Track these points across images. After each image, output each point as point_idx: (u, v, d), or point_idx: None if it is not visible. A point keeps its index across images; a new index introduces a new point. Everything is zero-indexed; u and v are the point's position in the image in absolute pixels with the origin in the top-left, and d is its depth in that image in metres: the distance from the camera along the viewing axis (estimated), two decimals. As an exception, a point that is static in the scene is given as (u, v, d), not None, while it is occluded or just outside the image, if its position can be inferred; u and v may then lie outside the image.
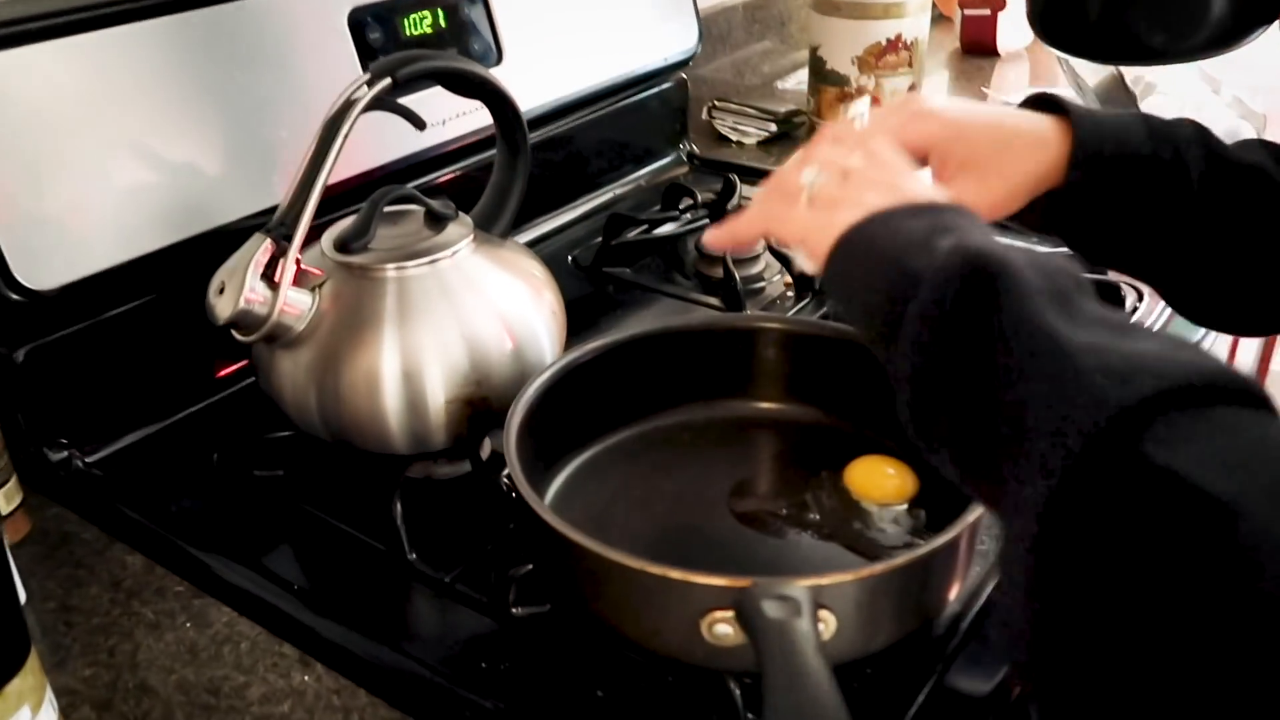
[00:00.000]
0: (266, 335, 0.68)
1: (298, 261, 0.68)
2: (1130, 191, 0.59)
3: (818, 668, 0.43)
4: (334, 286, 0.70)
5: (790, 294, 0.98)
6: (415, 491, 0.70)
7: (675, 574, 0.51)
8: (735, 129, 1.32)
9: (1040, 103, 0.62)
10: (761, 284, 1.00)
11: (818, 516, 0.64)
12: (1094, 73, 1.20)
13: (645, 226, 1.07)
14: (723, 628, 0.51)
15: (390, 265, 0.69)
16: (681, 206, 1.12)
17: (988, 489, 0.40)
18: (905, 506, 0.64)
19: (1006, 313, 0.40)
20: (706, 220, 1.07)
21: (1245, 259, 0.60)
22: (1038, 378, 0.38)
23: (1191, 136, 0.59)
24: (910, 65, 1.28)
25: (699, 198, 1.11)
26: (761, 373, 0.72)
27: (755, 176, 1.19)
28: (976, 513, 0.55)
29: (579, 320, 0.84)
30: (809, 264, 0.52)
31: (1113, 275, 0.88)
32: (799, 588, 0.48)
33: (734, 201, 1.09)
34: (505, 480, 0.70)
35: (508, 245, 0.77)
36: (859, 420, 0.70)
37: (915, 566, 0.52)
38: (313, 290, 0.69)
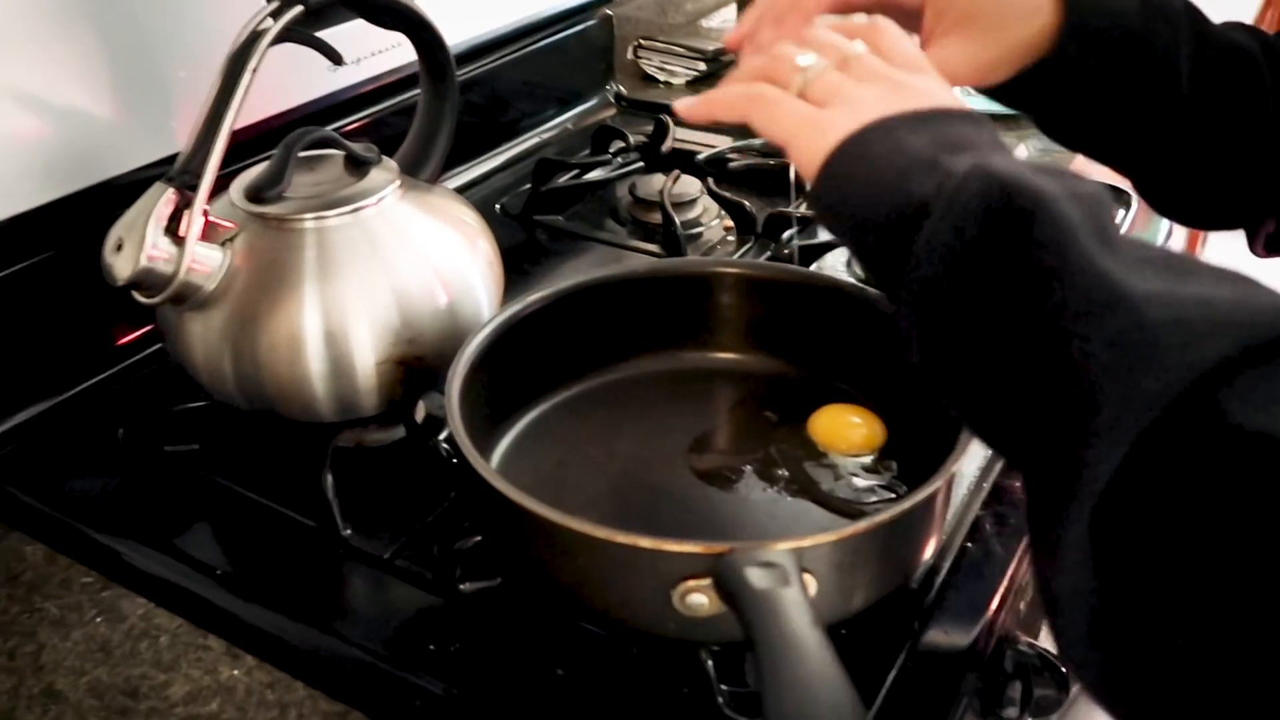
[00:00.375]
0: (173, 296, 0.61)
1: (205, 213, 0.61)
2: (1117, 69, 0.55)
3: (814, 637, 0.40)
4: (247, 240, 0.63)
5: (731, 238, 0.94)
6: (346, 461, 0.65)
7: (645, 542, 0.46)
8: (663, 69, 1.27)
9: None
10: (700, 229, 0.95)
11: (785, 472, 0.60)
12: None
13: (576, 171, 1.02)
14: (697, 598, 0.47)
15: (309, 215, 0.63)
16: (612, 150, 1.07)
17: (1025, 455, 0.36)
18: (874, 456, 0.61)
19: (1050, 252, 0.35)
20: (640, 164, 1.02)
21: (1222, 149, 0.57)
22: (1097, 334, 0.33)
23: (1182, 11, 0.56)
24: (840, 0, 1.23)
25: (630, 140, 1.05)
26: (716, 321, 0.68)
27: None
28: (953, 465, 0.51)
29: (512, 271, 0.78)
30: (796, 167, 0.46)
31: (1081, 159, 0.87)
32: (782, 552, 0.44)
33: (667, 144, 1.04)
34: (444, 446, 0.65)
35: (436, 191, 0.71)
36: (820, 368, 0.66)
37: (896, 523, 0.48)
38: (223, 245, 0.63)
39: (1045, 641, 0.69)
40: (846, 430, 0.61)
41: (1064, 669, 0.60)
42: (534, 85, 1.10)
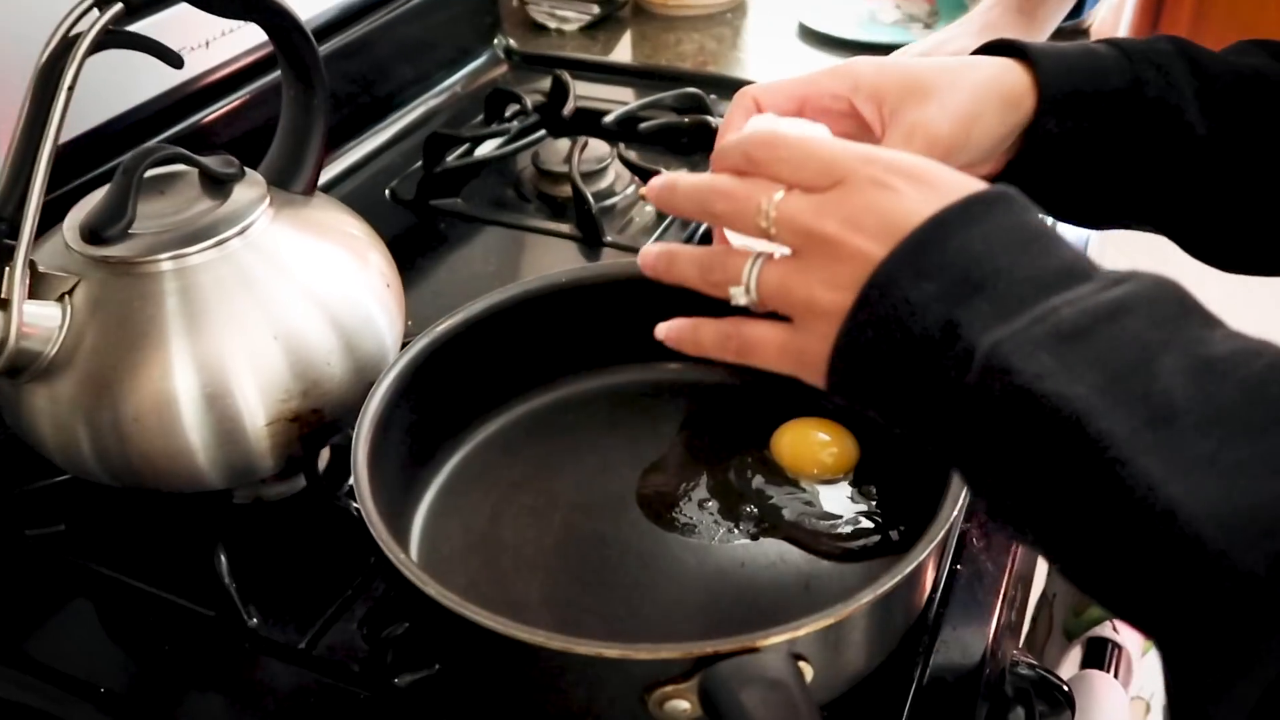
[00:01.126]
0: (4, 369, 0.51)
1: (32, 264, 0.51)
2: (1111, 131, 0.49)
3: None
4: (90, 291, 0.53)
5: (650, 208, 0.86)
6: (241, 530, 0.56)
7: (612, 651, 0.39)
8: (553, 14, 1.16)
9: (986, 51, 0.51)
10: (614, 198, 0.87)
11: (751, 508, 0.53)
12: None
13: (469, 145, 0.92)
14: (677, 704, 0.40)
15: (165, 255, 0.53)
16: (508, 115, 0.97)
17: (1159, 626, 0.31)
18: (848, 479, 0.54)
19: (1096, 474, 0.30)
20: (542, 132, 0.92)
21: (1259, 185, 0.50)
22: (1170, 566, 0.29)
23: (1172, 52, 0.49)
24: (738, -73, 1.14)
25: (527, 103, 0.95)
26: (640, 332, 0.59)
27: (585, 70, 1.04)
28: (950, 513, 0.44)
29: (411, 268, 0.69)
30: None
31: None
32: (778, 657, 0.37)
33: (569, 105, 0.94)
34: (355, 506, 0.56)
35: (315, 203, 0.61)
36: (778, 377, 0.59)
37: (898, 590, 0.42)
38: (60, 300, 0.52)
39: (1069, 661, 0.65)
40: (815, 451, 0.54)
41: (1066, 689, 0.55)
42: (413, 48, 0.98)
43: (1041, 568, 0.68)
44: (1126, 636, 0.69)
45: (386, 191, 0.88)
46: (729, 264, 0.41)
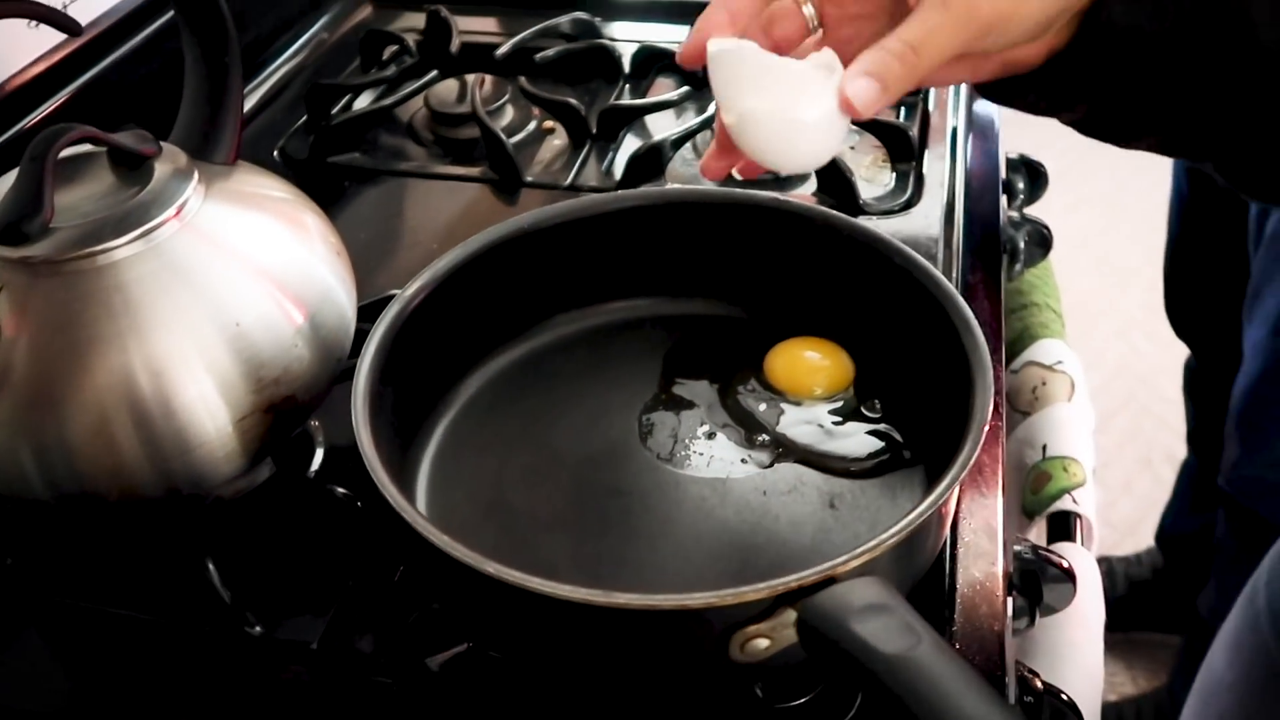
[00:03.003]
0: (-69, 397, 0.45)
1: (-57, 276, 0.45)
2: (1177, 19, 0.45)
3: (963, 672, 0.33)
4: (13, 297, 0.47)
5: (559, 142, 0.82)
6: (218, 533, 0.52)
7: (695, 601, 0.37)
8: (407, -54, 1.09)
9: None
10: (517, 135, 0.83)
11: (763, 437, 0.52)
12: None
13: (349, 97, 0.86)
14: (758, 642, 0.39)
15: (93, 249, 0.47)
16: (386, 58, 0.91)
17: None
18: (849, 395, 0.54)
19: None
20: (434, 73, 0.87)
21: None
22: None
23: None
24: None
25: (409, 43, 0.90)
26: (618, 266, 0.58)
27: (461, 4, 0.98)
28: (981, 430, 0.43)
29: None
30: None
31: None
32: (869, 581, 0.37)
33: (454, 42, 0.89)
34: (340, 490, 0.53)
35: (240, 173, 0.56)
36: (758, 303, 0.58)
37: (945, 497, 0.41)
38: (-18, 311, 0.46)
39: (1034, 537, 0.67)
40: (812, 370, 0.54)
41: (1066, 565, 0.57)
42: (269, -4, 0.91)
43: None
44: (1085, 506, 0.72)
45: (275, 154, 0.82)
46: None
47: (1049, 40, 0.46)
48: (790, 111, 0.44)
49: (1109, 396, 1.84)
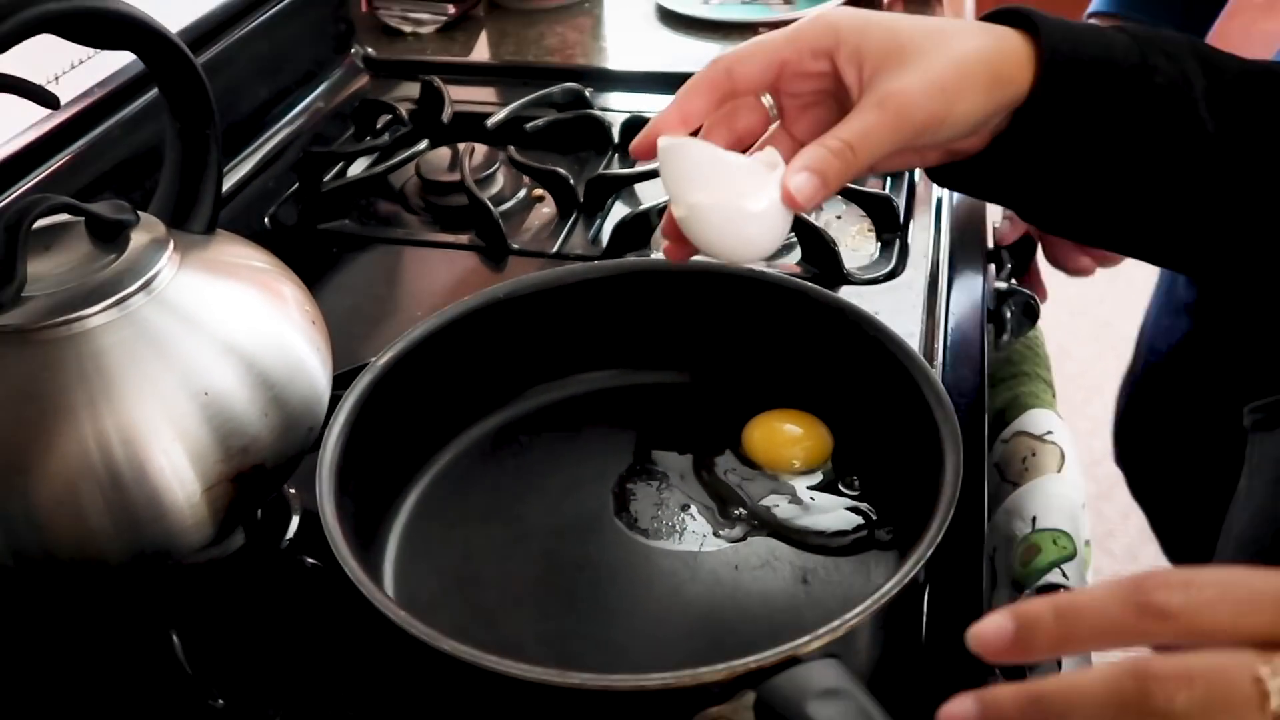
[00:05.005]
0: (-105, 467, 0.44)
1: (-87, 345, 0.45)
2: (1115, 109, 0.45)
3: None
4: (-17, 366, 0.47)
5: (548, 210, 0.83)
6: (183, 603, 0.51)
7: (654, 682, 0.37)
8: (406, 18, 1.11)
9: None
10: (507, 203, 0.84)
11: (737, 510, 0.51)
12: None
13: (343, 163, 0.87)
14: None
15: (64, 319, 0.47)
16: (379, 126, 0.93)
17: None
18: (827, 469, 0.53)
19: None
20: (424, 142, 0.88)
21: (1271, 199, 0.46)
22: None
23: (1183, 43, 0.46)
24: (586, -86, 1.12)
25: (402, 112, 0.91)
26: (596, 336, 0.58)
27: (450, 73, 1.00)
28: (946, 514, 0.43)
29: (317, 297, 0.64)
30: None
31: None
32: (828, 663, 0.36)
33: (446, 112, 0.90)
34: (311, 562, 0.52)
35: (217, 242, 0.56)
36: (738, 375, 0.57)
37: (907, 586, 0.41)
38: (-49, 380, 0.46)
39: None
40: (790, 444, 0.53)
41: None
42: (267, 67, 0.92)
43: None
44: (1074, 578, 0.70)
45: (266, 220, 0.82)
46: None
47: (990, 132, 0.47)
48: (736, 204, 0.45)
49: (1112, 465, 1.82)
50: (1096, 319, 2.10)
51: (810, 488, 0.52)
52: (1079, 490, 0.77)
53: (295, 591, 0.53)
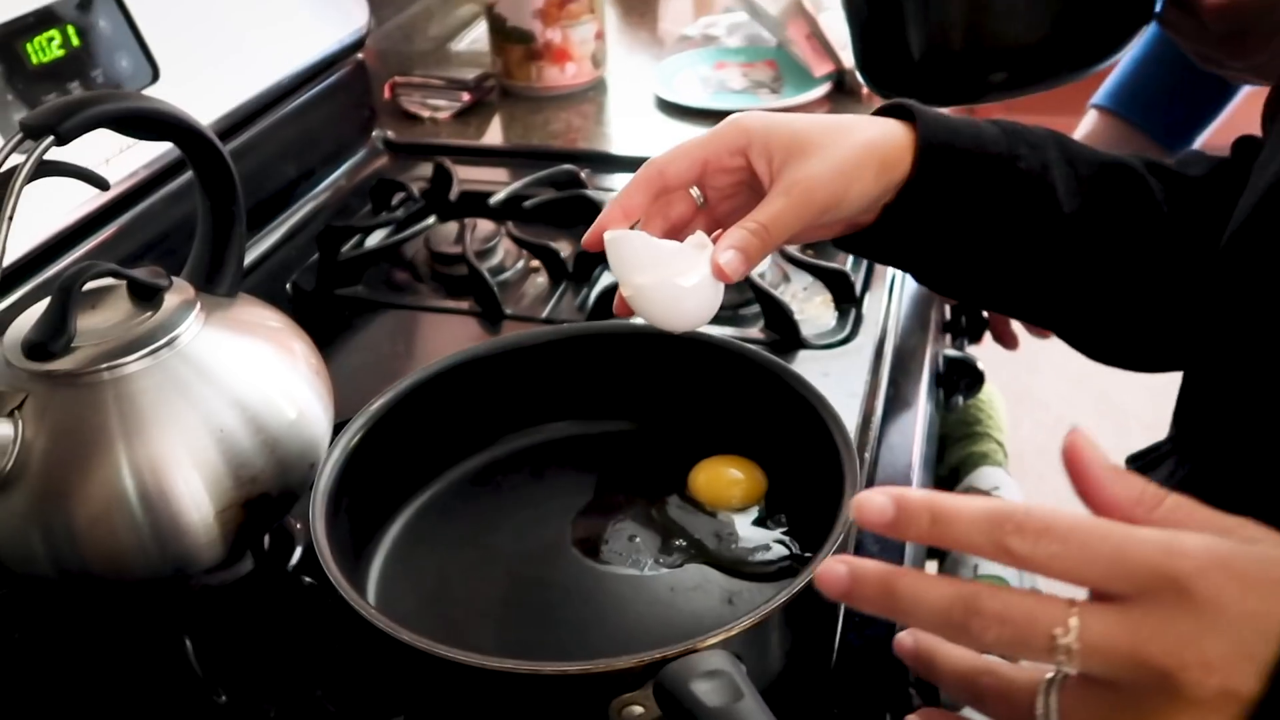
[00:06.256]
0: (-39, 487, 0.53)
1: (-20, 385, 0.54)
2: (985, 188, 0.53)
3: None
4: (37, 405, 0.56)
5: (542, 280, 0.92)
6: (200, 614, 0.59)
7: (575, 668, 0.44)
8: (425, 104, 1.22)
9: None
10: (505, 273, 0.93)
11: (678, 541, 0.59)
12: (774, 1, 1.20)
13: (360, 236, 0.97)
14: (634, 709, 0.45)
15: (104, 366, 0.56)
16: (394, 203, 1.02)
17: None
18: (760, 508, 0.61)
19: None
20: (432, 218, 0.97)
21: (1122, 271, 0.54)
22: None
23: (1047, 135, 0.55)
24: (592, 11, 1.23)
25: (414, 190, 1.01)
26: (562, 390, 0.66)
27: (462, 155, 1.10)
28: (842, 527, 0.50)
29: (328, 355, 0.71)
30: None
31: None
32: (722, 656, 0.43)
33: (453, 191, 1.00)
34: (307, 578, 0.60)
35: (239, 304, 0.65)
36: (686, 423, 0.65)
37: (802, 594, 0.48)
38: (10, 415, 0.55)
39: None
40: (729, 485, 0.61)
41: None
42: (299, 147, 1.03)
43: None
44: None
45: (288, 286, 0.92)
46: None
47: (881, 207, 0.55)
48: (673, 281, 0.53)
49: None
50: (1095, 391, 2.16)
51: (743, 523, 0.60)
52: (1022, 541, 0.84)
53: (293, 606, 0.60)
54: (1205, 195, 0.55)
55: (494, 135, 1.19)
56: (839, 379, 0.76)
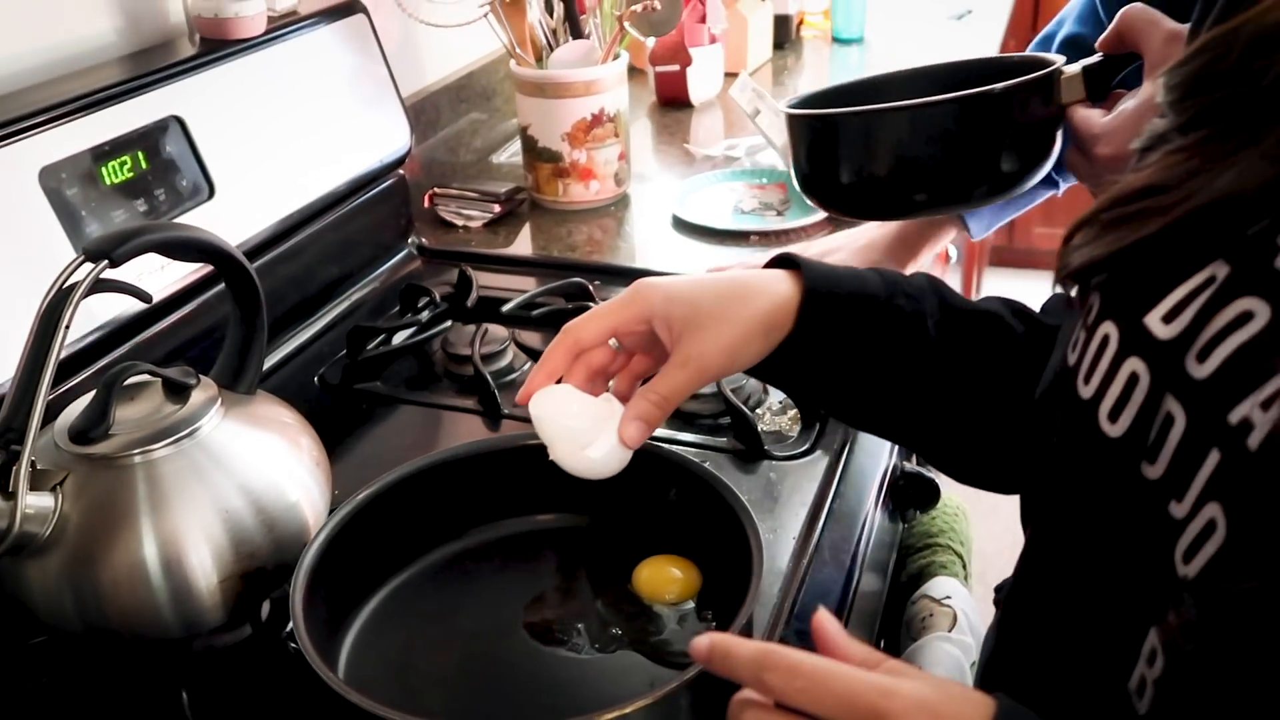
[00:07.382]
0: (9, 549, 0.63)
1: (32, 463, 0.64)
2: (865, 335, 0.61)
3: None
4: (77, 482, 0.66)
5: (542, 383, 1.01)
6: (200, 673, 0.68)
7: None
8: (459, 214, 1.34)
9: (775, 264, 0.65)
10: (512, 375, 1.02)
11: (614, 629, 0.67)
12: (782, 131, 1.30)
13: (385, 335, 1.07)
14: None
15: (136, 451, 0.66)
16: (420, 305, 1.13)
17: None
18: (693, 605, 0.68)
19: None
20: (450, 321, 1.08)
21: (982, 407, 0.62)
22: None
23: (925, 284, 0.63)
24: (616, 135, 1.34)
25: (436, 295, 1.12)
26: (530, 489, 0.74)
27: (488, 263, 1.21)
28: (745, 615, 0.58)
29: (339, 444, 0.81)
30: None
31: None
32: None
33: (472, 296, 1.11)
34: (293, 644, 0.69)
35: (257, 400, 0.75)
36: (633, 522, 0.73)
37: (697, 680, 0.55)
38: (53, 490, 0.65)
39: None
40: (666, 582, 0.69)
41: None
42: (340, 252, 1.15)
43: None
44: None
45: (316, 379, 1.02)
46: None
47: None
48: (584, 455, 0.65)
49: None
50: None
51: (674, 617, 0.67)
52: (968, 649, 0.89)
53: (282, 670, 0.69)
54: (1052, 343, 0.63)
55: (522, 244, 1.30)
56: (793, 489, 0.83)
